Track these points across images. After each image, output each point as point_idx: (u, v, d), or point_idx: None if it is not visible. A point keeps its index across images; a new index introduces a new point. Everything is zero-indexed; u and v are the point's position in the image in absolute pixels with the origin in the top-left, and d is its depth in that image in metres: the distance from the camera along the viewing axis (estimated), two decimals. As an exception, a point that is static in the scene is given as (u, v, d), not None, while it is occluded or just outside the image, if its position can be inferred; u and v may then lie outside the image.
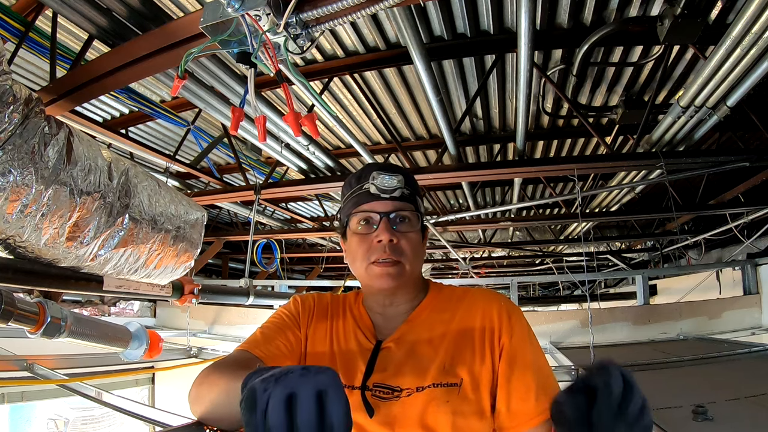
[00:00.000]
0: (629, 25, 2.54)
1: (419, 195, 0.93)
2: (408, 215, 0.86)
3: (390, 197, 0.85)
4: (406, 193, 0.87)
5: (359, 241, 0.86)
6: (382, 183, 0.86)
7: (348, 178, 0.93)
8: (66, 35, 2.90)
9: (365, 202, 0.86)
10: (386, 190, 0.86)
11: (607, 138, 3.73)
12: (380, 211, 0.84)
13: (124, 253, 1.76)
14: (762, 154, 3.31)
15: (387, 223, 0.84)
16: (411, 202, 0.88)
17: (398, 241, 0.84)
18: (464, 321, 0.84)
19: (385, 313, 0.89)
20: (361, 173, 0.90)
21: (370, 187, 0.86)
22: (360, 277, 0.88)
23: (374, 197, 0.85)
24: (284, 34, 1.24)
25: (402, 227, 0.85)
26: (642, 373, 2.53)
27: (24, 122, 1.31)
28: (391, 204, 0.85)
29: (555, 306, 8.20)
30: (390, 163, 0.99)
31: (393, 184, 0.86)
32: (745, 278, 4.02)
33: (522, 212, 6.75)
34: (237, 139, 4.38)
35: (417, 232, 0.87)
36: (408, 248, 0.85)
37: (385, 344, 0.84)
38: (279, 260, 6.06)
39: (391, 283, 0.83)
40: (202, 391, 0.72)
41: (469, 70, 3.32)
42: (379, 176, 0.86)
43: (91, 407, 4.85)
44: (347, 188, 0.91)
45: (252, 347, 0.82)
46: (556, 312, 4.37)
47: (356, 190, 0.88)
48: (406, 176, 0.89)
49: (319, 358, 0.86)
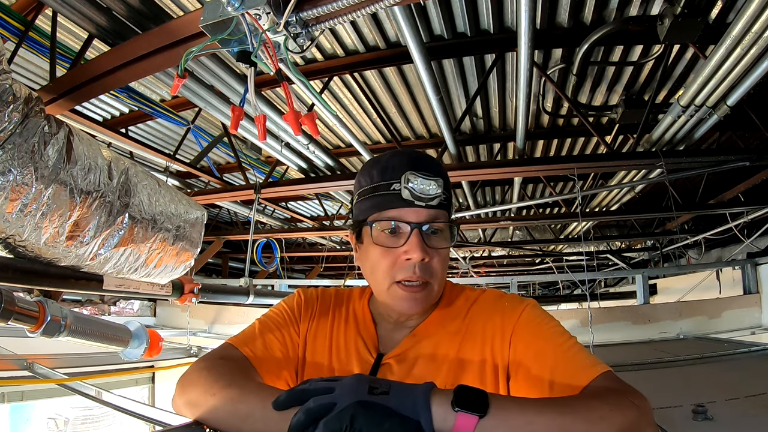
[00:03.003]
0: (629, 24, 2.54)
1: (452, 196, 0.79)
2: (441, 226, 0.74)
3: (426, 205, 0.71)
4: (443, 199, 0.73)
5: (382, 254, 0.73)
6: (419, 188, 0.71)
7: (368, 165, 0.78)
8: (66, 34, 2.90)
9: (393, 207, 0.72)
10: (423, 198, 0.71)
11: (607, 137, 3.73)
12: (412, 222, 0.71)
13: (124, 253, 1.76)
14: (762, 153, 3.32)
15: (419, 238, 0.70)
16: (446, 209, 0.74)
17: (430, 260, 0.72)
18: (471, 336, 0.76)
19: (392, 321, 0.82)
20: (387, 164, 0.74)
21: (403, 191, 0.71)
22: (378, 293, 0.77)
23: (406, 203, 0.71)
24: (284, 33, 1.24)
25: (435, 241, 0.73)
26: (642, 372, 2.54)
27: (24, 121, 1.30)
28: (426, 213, 0.72)
29: (555, 305, 8.19)
30: (425, 155, 0.78)
31: (433, 190, 0.71)
32: (745, 278, 4.03)
33: (522, 211, 6.75)
34: (237, 138, 4.38)
35: (450, 247, 0.75)
36: (439, 267, 0.73)
37: (386, 360, 0.77)
38: (279, 259, 6.06)
39: (416, 309, 0.74)
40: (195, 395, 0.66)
41: (469, 70, 3.32)
42: (416, 179, 0.71)
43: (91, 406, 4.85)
44: (366, 179, 0.76)
45: (241, 344, 0.77)
46: (556, 311, 4.39)
47: (382, 187, 0.73)
48: (445, 177, 0.74)
49: (318, 369, 0.80)
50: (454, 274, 8.70)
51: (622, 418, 0.52)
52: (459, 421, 0.51)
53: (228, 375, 0.67)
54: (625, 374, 2.44)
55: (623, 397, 0.56)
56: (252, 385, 0.64)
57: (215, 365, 0.70)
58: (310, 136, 3.40)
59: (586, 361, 0.64)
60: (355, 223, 0.78)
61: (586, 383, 0.61)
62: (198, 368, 0.70)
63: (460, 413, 0.51)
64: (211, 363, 0.71)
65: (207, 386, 0.65)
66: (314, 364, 0.81)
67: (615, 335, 3.84)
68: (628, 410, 0.53)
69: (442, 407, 0.52)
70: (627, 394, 0.57)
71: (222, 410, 0.62)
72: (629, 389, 0.58)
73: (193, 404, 0.66)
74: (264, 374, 0.74)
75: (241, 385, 0.64)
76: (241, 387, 0.63)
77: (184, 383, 0.70)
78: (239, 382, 0.65)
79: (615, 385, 0.59)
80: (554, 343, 0.68)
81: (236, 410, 0.61)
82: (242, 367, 0.72)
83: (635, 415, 0.53)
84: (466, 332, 0.76)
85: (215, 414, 0.63)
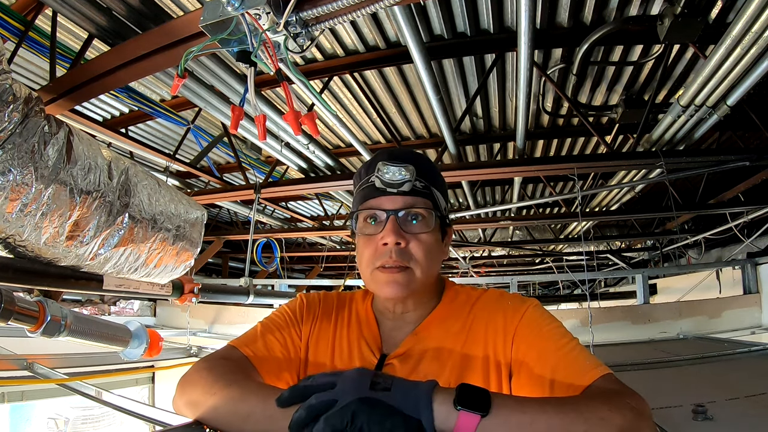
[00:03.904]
0: (629, 24, 2.54)
1: (439, 187, 0.80)
2: (421, 212, 0.75)
3: (398, 191, 0.74)
4: (419, 187, 0.75)
5: (365, 242, 0.77)
6: (387, 175, 0.74)
7: (362, 165, 0.83)
8: (66, 34, 2.90)
9: (371, 197, 0.76)
10: (393, 184, 0.74)
11: (607, 137, 3.73)
12: (387, 209, 0.74)
13: (124, 252, 1.76)
14: (762, 153, 3.32)
15: (394, 223, 0.73)
16: (426, 197, 0.76)
17: (406, 244, 0.74)
18: (474, 335, 0.76)
19: (393, 318, 0.82)
20: (370, 162, 0.79)
21: (375, 181, 0.75)
22: (366, 282, 0.80)
23: (380, 192, 0.75)
24: (284, 32, 1.24)
25: (413, 227, 0.75)
26: (642, 372, 2.54)
27: (24, 121, 1.30)
28: (401, 200, 0.75)
29: (555, 305, 8.19)
30: (403, 149, 0.84)
31: (400, 176, 0.74)
32: (745, 277, 4.03)
33: (522, 211, 6.75)
34: (237, 138, 4.38)
35: (432, 232, 0.76)
36: (419, 252, 0.74)
37: (389, 360, 0.77)
38: (279, 259, 6.06)
39: (398, 292, 0.74)
40: (196, 395, 0.67)
41: (469, 69, 3.32)
42: (385, 167, 0.74)
43: (91, 406, 4.85)
44: (357, 180, 0.81)
45: (242, 345, 0.77)
46: (556, 311, 4.38)
47: (364, 182, 0.78)
48: (420, 165, 0.77)
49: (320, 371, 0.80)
50: (454, 274, 8.71)
51: (622, 419, 0.52)
52: (461, 420, 0.51)
53: (229, 375, 0.67)
54: (625, 374, 2.44)
55: (623, 399, 0.56)
56: (252, 385, 0.64)
57: (216, 365, 0.70)
58: (310, 136, 3.40)
59: (587, 363, 0.64)
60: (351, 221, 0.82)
61: (587, 384, 0.61)
62: (199, 368, 0.71)
63: (463, 412, 0.51)
64: (212, 363, 0.71)
65: (208, 386, 0.66)
66: (317, 365, 0.81)
67: (615, 335, 3.84)
68: (627, 412, 0.54)
69: (444, 405, 0.52)
70: (627, 396, 0.57)
71: (222, 410, 0.62)
72: (629, 391, 0.59)
73: (194, 404, 0.66)
74: (264, 375, 0.74)
75: (242, 385, 0.64)
76: (241, 387, 0.63)
77: (184, 383, 0.70)
78: (240, 382, 0.65)
79: (615, 387, 0.60)
80: (556, 344, 0.69)
81: (237, 409, 0.61)
82: (243, 367, 0.72)
83: (634, 416, 0.54)
84: (469, 331, 0.76)
85: (216, 413, 0.63)
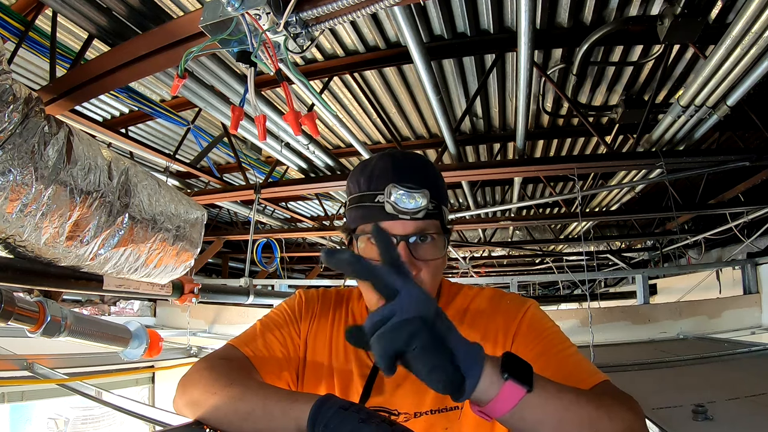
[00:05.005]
0: (629, 24, 2.54)
1: (445, 201, 0.75)
2: (433, 234, 0.71)
3: (411, 218, 0.68)
4: (431, 209, 0.69)
5: None
6: (402, 203, 0.67)
7: (357, 169, 0.76)
8: (66, 34, 2.90)
9: (379, 220, 0.68)
10: (408, 212, 0.68)
11: (607, 137, 3.73)
12: (398, 235, 0.69)
13: (124, 253, 1.76)
14: (762, 153, 3.32)
15: (406, 250, 0.68)
16: (436, 218, 0.71)
17: (418, 273, 0.69)
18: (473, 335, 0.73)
19: None
20: (372, 172, 0.72)
21: (386, 206, 0.68)
22: (369, 303, 0.76)
23: (390, 217, 0.68)
24: (284, 33, 1.24)
25: (424, 252, 0.70)
26: (642, 372, 2.53)
27: (24, 121, 1.30)
28: (412, 225, 0.69)
29: (555, 305, 8.20)
30: (409, 157, 0.74)
31: (415, 204, 0.68)
32: (745, 278, 4.03)
33: (522, 211, 6.75)
34: (237, 139, 4.38)
35: (443, 257, 0.72)
36: (428, 276, 0.70)
37: None
38: (279, 259, 6.05)
39: None
40: (196, 395, 0.66)
41: (469, 70, 3.32)
42: (397, 192, 0.67)
43: (91, 406, 4.85)
44: (354, 186, 0.74)
45: (242, 344, 0.77)
46: (556, 311, 4.38)
47: (366, 198, 0.71)
48: (431, 186, 0.70)
49: (317, 370, 0.80)
50: (454, 274, 8.70)
51: (622, 424, 0.56)
52: (504, 391, 0.49)
53: (229, 374, 0.67)
54: (625, 374, 2.45)
55: (629, 402, 0.60)
56: (253, 384, 0.64)
57: (216, 365, 0.70)
58: (310, 136, 3.40)
59: (588, 369, 0.67)
60: (347, 230, 0.77)
61: (588, 389, 0.62)
62: (199, 368, 0.71)
63: (509, 382, 0.49)
64: (212, 363, 0.71)
65: (208, 386, 0.66)
66: (314, 364, 0.81)
67: (615, 335, 3.84)
68: (634, 415, 0.58)
69: (490, 370, 0.50)
70: (630, 400, 0.61)
71: (223, 409, 0.62)
72: (626, 396, 0.62)
73: (194, 404, 0.66)
74: (265, 374, 0.74)
75: (242, 384, 0.64)
76: (242, 386, 0.63)
77: (185, 383, 0.70)
78: (240, 381, 0.65)
79: (615, 393, 0.62)
80: (556, 348, 0.70)
81: (237, 409, 0.61)
82: (243, 366, 0.72)
83: (641, 419, 0.58)
84: (468, 331, 0.76)
85: (216, 413, 0.63)
